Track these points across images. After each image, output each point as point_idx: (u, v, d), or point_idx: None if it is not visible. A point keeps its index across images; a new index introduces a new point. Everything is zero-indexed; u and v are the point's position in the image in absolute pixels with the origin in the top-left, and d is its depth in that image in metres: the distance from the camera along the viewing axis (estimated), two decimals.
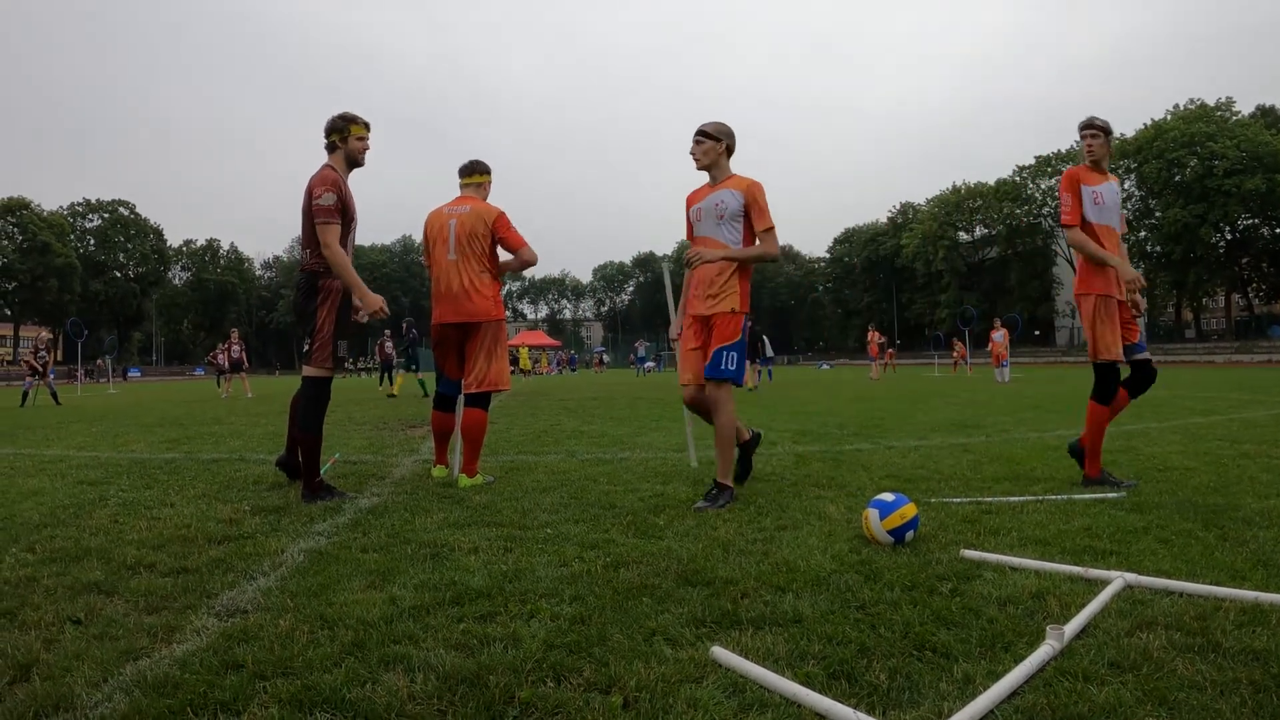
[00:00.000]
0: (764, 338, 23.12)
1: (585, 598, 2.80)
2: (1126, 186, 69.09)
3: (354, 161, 5.10)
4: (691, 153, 4.86)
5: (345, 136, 5.04)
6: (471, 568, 3.22)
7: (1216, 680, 2.06)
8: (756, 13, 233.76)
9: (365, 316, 5.24)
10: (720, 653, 2.23)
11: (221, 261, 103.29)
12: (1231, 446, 6.75)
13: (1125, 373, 5.10)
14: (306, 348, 4.94)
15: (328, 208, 4.83)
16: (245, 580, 3.10)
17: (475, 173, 5.80)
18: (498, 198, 5.70)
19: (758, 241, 4.77)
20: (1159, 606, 2.61)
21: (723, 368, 4.63)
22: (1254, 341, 56.84)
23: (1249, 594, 2.67)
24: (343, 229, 4.94)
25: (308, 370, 4.94)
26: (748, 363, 21.47)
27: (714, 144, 4.81)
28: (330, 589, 2.95)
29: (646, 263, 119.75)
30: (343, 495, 4.92)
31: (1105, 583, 2.82)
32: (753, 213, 4.73)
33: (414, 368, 21.16)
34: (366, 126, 5.09)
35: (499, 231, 5.49)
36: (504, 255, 5.63)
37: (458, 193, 5.79)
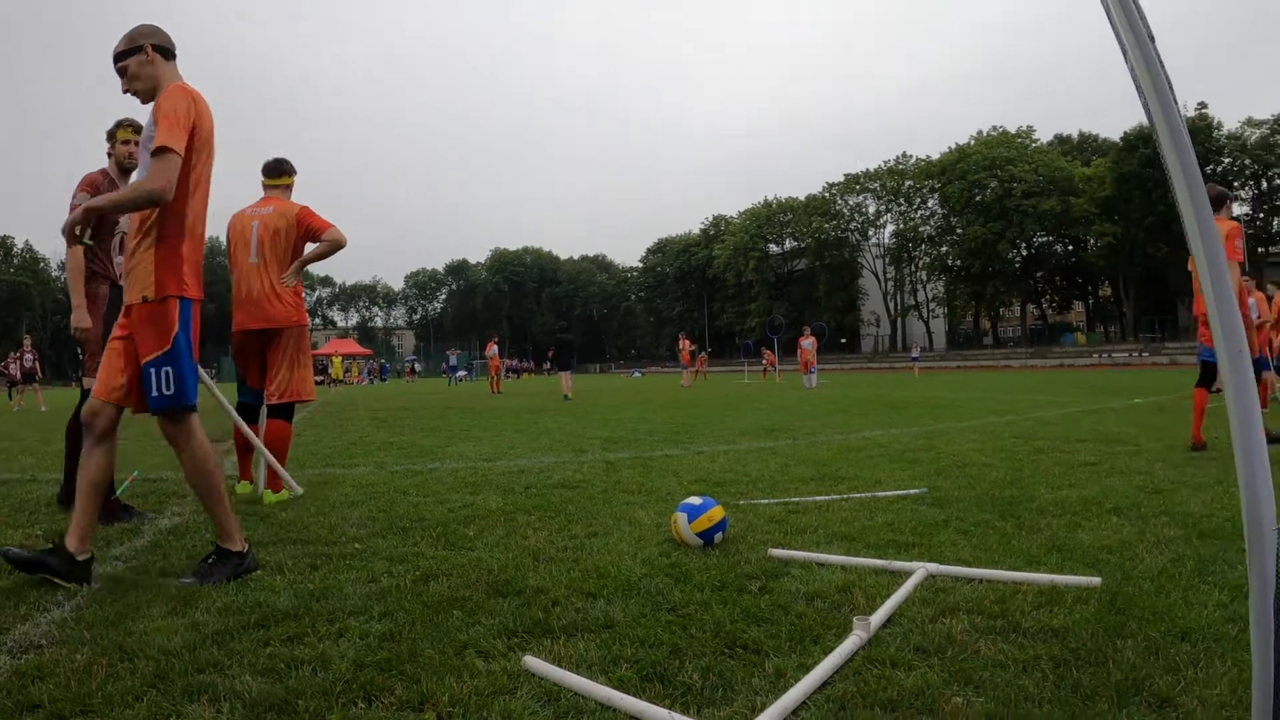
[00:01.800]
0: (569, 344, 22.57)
1: (395, 613, 2.69)
2: (930, 205, 73.64)
3: (122, 166, 4.83)
4: (127, 91, 3.33)
5: (113, 142, 4.81)
6: (277, 588, 3.04)
7: (1018, 658, 2.17)
8: (579, 16, 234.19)
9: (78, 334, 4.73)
10: (533, 662, 2.18)
11: (15, 261, 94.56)
12: (1026, 443, 7.25)
13: None
14: (81, 357, 4.67)
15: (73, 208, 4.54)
16: (39, 612, 2.81)
17: (282, 174, 5.48)
18: (311, 204, 5.41)
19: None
20: (960, 593, 2.74)
21: (154, 393, 3.14)
22: (1047, 348, 61.98)
23: (1044, 577, 2.84)
24: (103, 231, 4.69)
25: (86, 382, 4.62)
26: (564, 374, 20.52)
27: (141, 58, 3.26)
28: (129, 617, 2.72)
29: (460, 270, 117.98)
30: (141, 516, 4.65)
31: (909, 574, 2.94)
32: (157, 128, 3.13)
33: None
34: (135, 129, 4.80)
35: (304, 221, 5.21)
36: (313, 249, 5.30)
37: (262, 194, 5.48)
